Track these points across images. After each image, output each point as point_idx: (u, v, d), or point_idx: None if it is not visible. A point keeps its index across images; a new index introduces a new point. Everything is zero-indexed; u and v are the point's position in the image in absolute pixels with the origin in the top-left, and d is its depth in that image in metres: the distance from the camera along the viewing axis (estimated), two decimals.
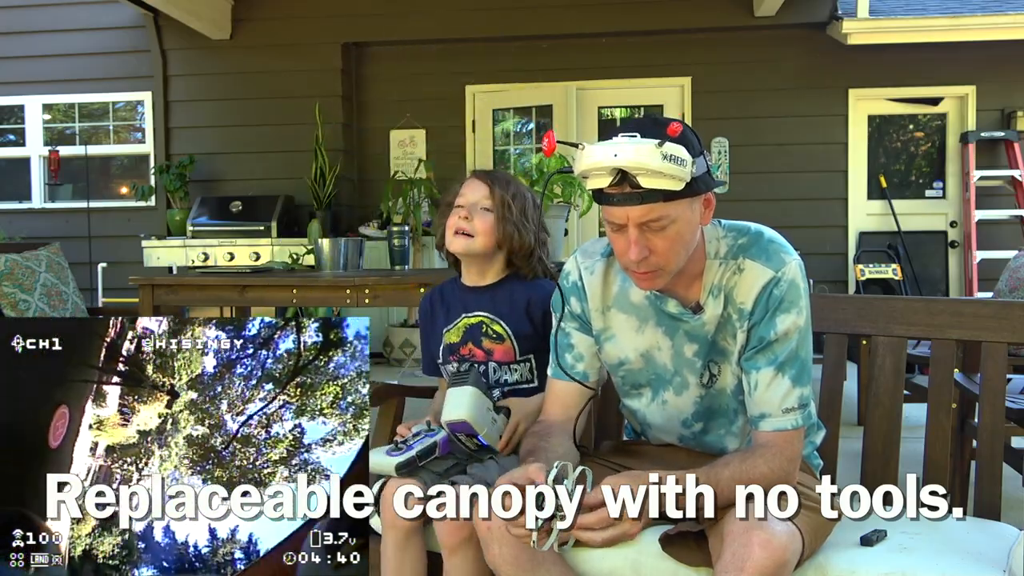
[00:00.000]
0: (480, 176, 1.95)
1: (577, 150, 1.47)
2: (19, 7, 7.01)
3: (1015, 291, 3.51)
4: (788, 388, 1.53)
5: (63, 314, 3.89)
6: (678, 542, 1.50)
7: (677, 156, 1.40)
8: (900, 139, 6.77)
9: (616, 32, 6.50)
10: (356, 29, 6.67)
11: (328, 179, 6.37)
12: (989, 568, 1.43)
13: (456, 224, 1.90)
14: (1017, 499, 2.62)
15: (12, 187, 7.20)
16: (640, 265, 1.49)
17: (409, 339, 6.11)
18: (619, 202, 1.45)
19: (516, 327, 1.92)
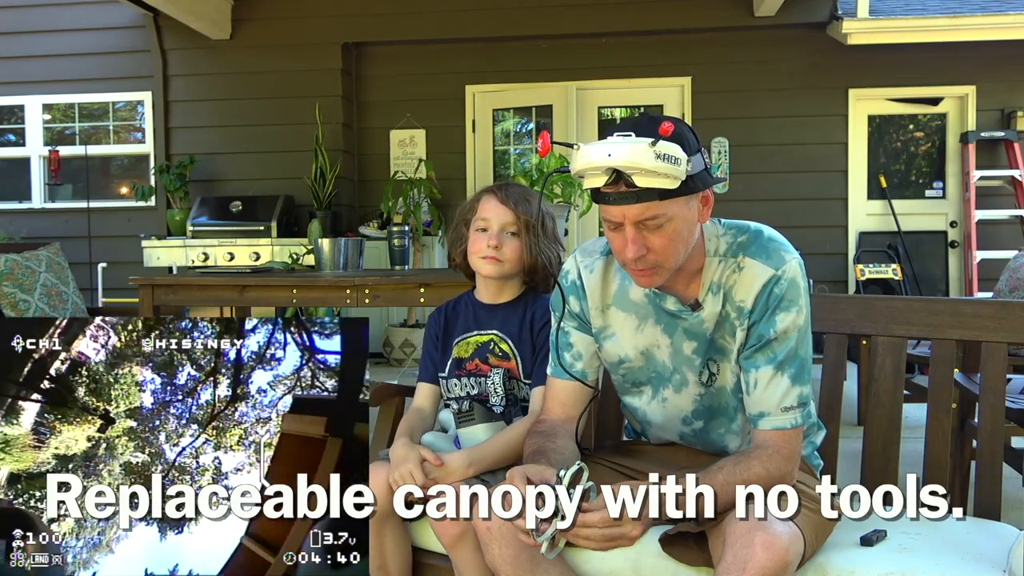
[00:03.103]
0: (500, 198, 1.93)
1: (573, 150, 1.47)
2: (19, 7, 7.01)
3: (1015, 291, 3.51)
4: (787, 387, 1.53)
5: (63, 314, 3.89)
6: (678, 542, 1.50)
7: (671, 155, 1.40)
8: (900, 139, 6.77)
9: (616, 32, 6.50)
10: (356, 29, 6.67)
11: (328, 179, 6.37)
12: (989, 568, 1.43)
13: (485, 251, 1.91)
14: (1017, 499, 2.62)
15: (12, 187, 7.20)
16: (638, 263, 1.49)
17: (409, 339, 6.11)
18: (615, 201, 1.45)
19: (523, 348, 1.93)
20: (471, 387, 1.94)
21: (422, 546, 1.80)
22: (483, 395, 1.93)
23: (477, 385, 1.94)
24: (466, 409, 1.84)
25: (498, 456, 1.77)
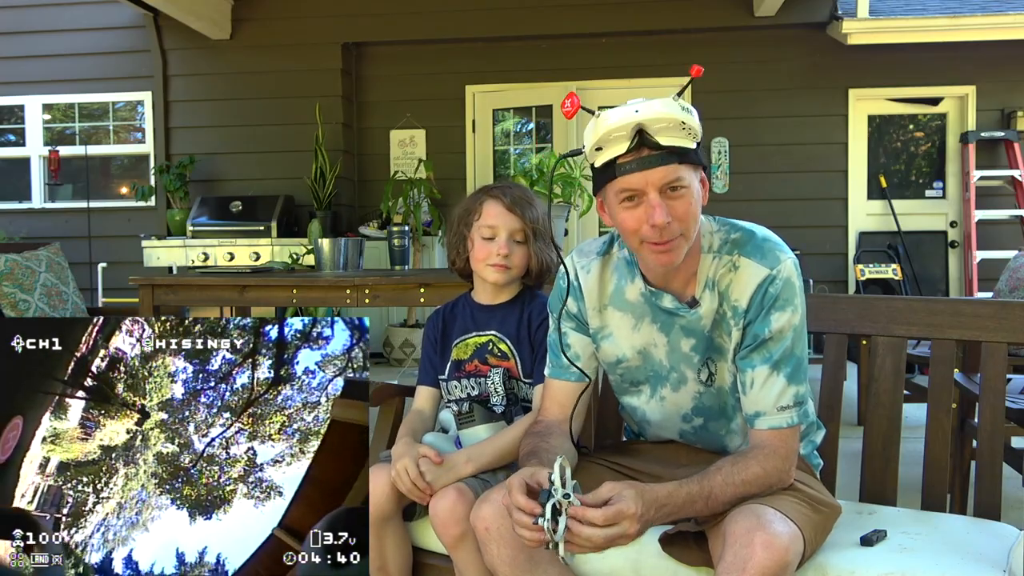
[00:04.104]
0: (505, 204, 1.92)
1: (594, 117, 1.47)
2: (19, 7, 7.02)
3: (1015, 291, 3.51)
4: (783, 386, 1.53)
5: (63, 314, 3.89)
6: (678, 542, 1.51)
7: (690, 109, 1.46)
8: (900, 139, 6.77)
9: (616, 32, 6.50)
10: (356, 29, 6.67)
11: (328, 179, 6.37)
12: (989, 568, 1.43)
13: (494, 259, 1.91)
14: (1017, 499, 2.63)
15: (12, 187, 7.20)
16: (663, 233, 1.47)
17: (409, 339, 6.11)
18: (637, 167, 1.45)
19: (521, 347, 1.94)
20: (471, 388, 1.94)
21: (422, 546, 1.80)
22: (484, 395, 1.93)
23: (477, 386, 1.94)
24: (466, 411, 1.85)
25: (498, 455, 1.77)
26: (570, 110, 1.48)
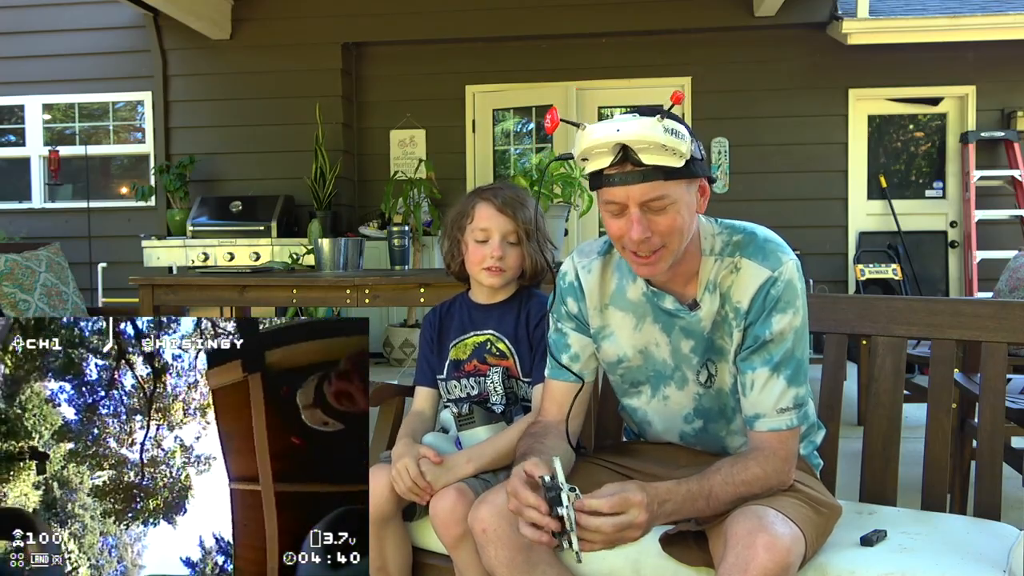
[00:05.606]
0: (497, 206, 1.91)
1: (578, 131, 1.47)
2: (19, 7, 7.02)
3: (1015, 291, 3.51)
4: (783, 388, 1.53)
5: (63, 314, 3.90)
6: (678, 542, 1.51)
7: (677, 130, 1.42)
8: (900, 139, 6.77)
9: (616, 32, 6.50)
10: (356, 29, 6.67)
11: (328, 179, 6.37)
12: (989, 568, 1.43)
13: (488, 262, 1.90)
14: (1017, 499, 2.62)
15: (12, 187, 7.20)
16: (642, 247, 1.48)
17: (409, 339, 6.11)
18: (620, 181, 1.45)
19: (519, 347, 1.93)
20: (471, 387, 1.94)
21: (422, 546, 1.80)
22: (483, 395, 1.93)
23: (477, 385, 1.94)
24: (466, 412, 1.84)
25: (498, 455, 1.77)
26: (550, 126, 1.48)
